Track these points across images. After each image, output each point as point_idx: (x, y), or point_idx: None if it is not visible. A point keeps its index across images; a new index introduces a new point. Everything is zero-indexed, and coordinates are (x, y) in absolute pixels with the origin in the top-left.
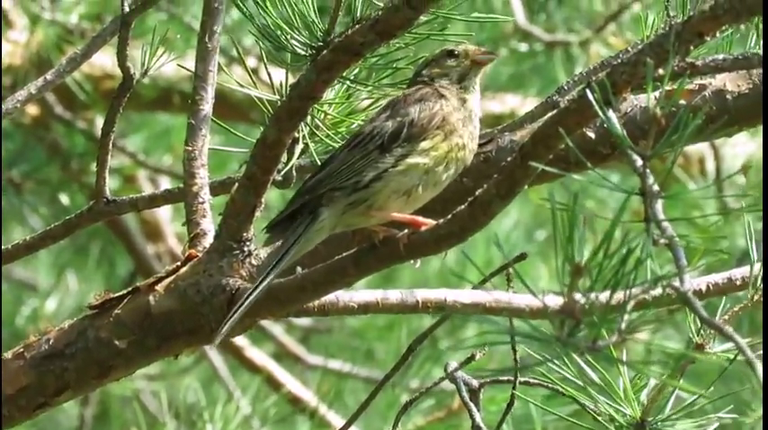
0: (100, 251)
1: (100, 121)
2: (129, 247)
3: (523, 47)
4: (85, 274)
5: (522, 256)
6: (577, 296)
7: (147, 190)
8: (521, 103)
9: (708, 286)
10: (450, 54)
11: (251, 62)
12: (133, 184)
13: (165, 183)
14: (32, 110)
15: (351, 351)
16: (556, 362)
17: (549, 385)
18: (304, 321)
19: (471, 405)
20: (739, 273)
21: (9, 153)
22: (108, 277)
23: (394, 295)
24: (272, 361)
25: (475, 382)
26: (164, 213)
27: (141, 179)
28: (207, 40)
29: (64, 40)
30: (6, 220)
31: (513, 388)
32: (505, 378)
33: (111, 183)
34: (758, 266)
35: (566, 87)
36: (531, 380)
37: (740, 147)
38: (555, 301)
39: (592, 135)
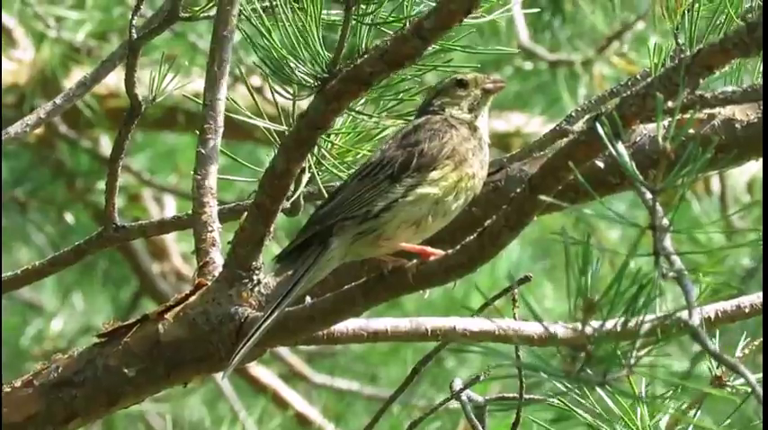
0: (105, 271)
1: (104, 140)
2: (135, 267)
3: (528, 66)
4: (91, 294)
5: (527, 278)
6: (588, 330)
7: (153, 208)
8: (525, 122)
9: (717, 313)
10: (460, 83)
11: (257, 83)
12: (138, 203)
13: (170, 202)
14: (37, 129)
15: (355, 375)
16: (566, 389)
17: (556, 405)
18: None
19: (477, 422)
20: (748, 300)
21: (14, 172)
22: (113, 297)
23: (403, 323)
24: (277, 379)
25: (480, 399)
26: (169, 233)
27: (146, 198)
28: (216, 68)
29: (69, 58)
30: (11, 239)
31: (519, 408)
32: (511, 394)
33: (116, 203)
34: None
35: (573, 115)
36: (538, 398)
37: (745, 165)
38: (563, 330)
39: (601, 165)
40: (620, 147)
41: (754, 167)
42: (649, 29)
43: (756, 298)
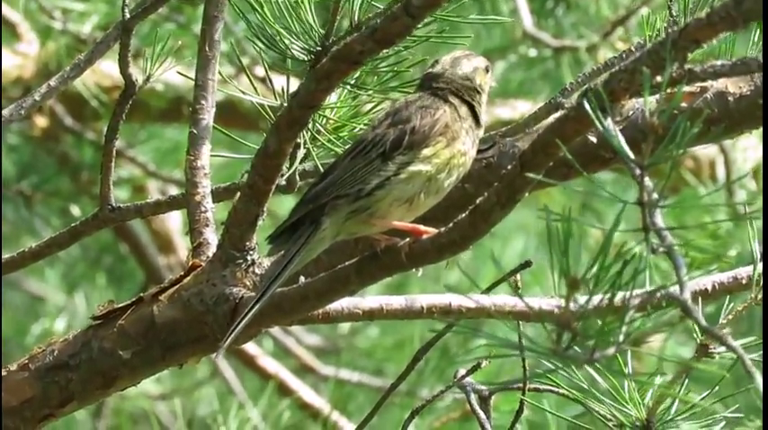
0: (109, 268)
1: None
2: (141, 259)
3: (532, 52)
4: (96, 289)
5: (528, 264)
6: (573, 307)
7: None
8: (530, 109)
9: (713, 285)
10: (487, 70)
11: (256, 70)
12: (143, 195)
13: (175, 194)
14: (42, 121)
15: (360, 370)
16: (563, 370)
17: (557, 391)
18: (312, 341)
19: (480, 412)
20: (745, 271)
21: (19, 165)
22: (118, 292)
23: (398, 301)
24: (284, 368)
25: (485, 390)
26: (175, 225)
27: (152, 189)
28: (207, 48)
29: (76, 49)
30: (17, 232)
31: (523, 394)
32: (515, 386)
33: (121, 194)
34: (761, 265)
35: (569, 88)
36: (540, 387)
37: (751, 151)
38: (548, 306)
39: (593, 139)
40: (608, 122)
41: (760, 153)
42: (655, 14)
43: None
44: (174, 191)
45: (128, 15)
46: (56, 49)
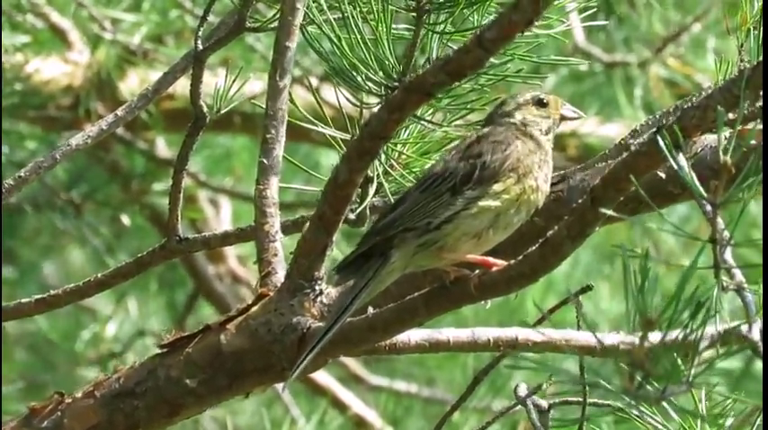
0: (160, 274)
1: (160, 142)
2: (191, 268)
3: (583, 67)
4: (145, 297)
5: (588, 288)
6: (647, 347)
7: (208, 210)
8: (580, 123)
9: None
10: (540, 103)
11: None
12: (194, 204)
13: (226, 204)
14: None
15: (412, 378)
16: (624, 409)
17: (618, 412)
18: None
19: (540, 427)
20: None
21: (69, 174)
22: (168, 301)
23: (465, 334)
24: (335, 381)
25: (544, 403)
26: None
27: (202, 199)
28: (278, 78)
29: (125, 60)
30: (66, 242)
31: (583, 413)
32: (575, 399)
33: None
34: None
35: (638, 129)
36: (601, 403)
37: None
38: (621, 342)
39: (662, 175)
40: (681, 158)
41: None
42: (707, 32)
43: None
44: (224, 200)
45: (200, 46)
46: (105, 59)
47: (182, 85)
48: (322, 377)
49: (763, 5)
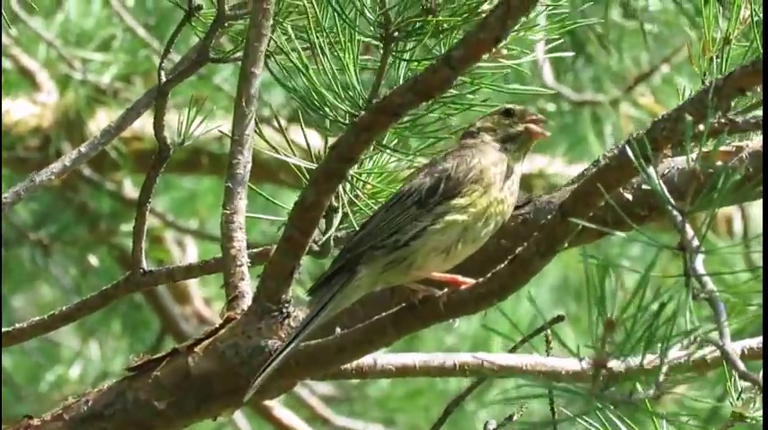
0: (124, 315)
1: (127, 183)
2: (157, 308)
3: (551, 107)
4: (110, 339)
5: (560, 318)
6: (610, 348)
7: (175, 251)
8: (548, 163)
9: (743, 351)
10: (507, 112)
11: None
12: (161, 245)
13: (192, 245)
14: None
15: (372, 419)
16: (586, 419)
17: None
18: (324, 390)
19: None
20: None
21: (36, 214)
22: (132, 344)
23: (431, 358)
24: (299, 420)
25: None
26: None
27: (169, 240)
28: (244, 104)
29: (95, 100)
30: (36, 281)
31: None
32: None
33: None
34: None
35: (601, 160)
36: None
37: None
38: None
39: (629, 197)
40: (651, 170)
41: None
42: (676, 71)
43: None
44: (190, 241)
45: (164, 79)
46: (75, 99)
47: (149, 126)
48: (287, 417)
49: (763, 5)
